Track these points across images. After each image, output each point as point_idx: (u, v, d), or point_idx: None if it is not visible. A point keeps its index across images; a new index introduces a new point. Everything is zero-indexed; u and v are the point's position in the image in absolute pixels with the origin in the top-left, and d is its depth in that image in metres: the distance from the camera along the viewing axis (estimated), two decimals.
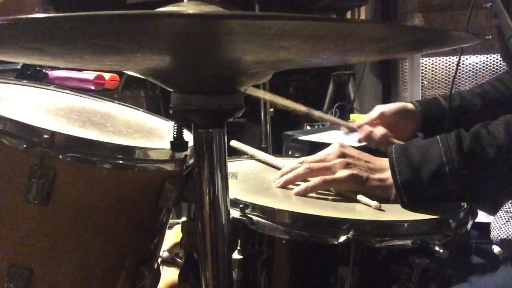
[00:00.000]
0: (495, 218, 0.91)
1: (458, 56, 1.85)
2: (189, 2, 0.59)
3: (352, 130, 1.29)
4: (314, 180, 0.87)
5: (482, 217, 0.98)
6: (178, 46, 0.51)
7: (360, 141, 1.25)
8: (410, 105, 1.22)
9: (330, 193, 0.89)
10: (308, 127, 2.23)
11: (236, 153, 1.17)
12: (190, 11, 0.54)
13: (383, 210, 0.81)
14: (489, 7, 1.31)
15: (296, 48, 0.53)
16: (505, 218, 0.88)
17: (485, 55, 2.34)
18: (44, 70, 1.89)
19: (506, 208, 0.91)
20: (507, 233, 0.86)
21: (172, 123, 0.72)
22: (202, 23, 0.43)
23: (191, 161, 0.89)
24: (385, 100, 2.91)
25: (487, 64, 2.36)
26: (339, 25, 0.46)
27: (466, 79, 2.38)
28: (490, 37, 1.35)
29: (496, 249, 0.88)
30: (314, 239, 0.74)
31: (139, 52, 0.53)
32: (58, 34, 0.46)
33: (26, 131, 0.76)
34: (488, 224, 0.91)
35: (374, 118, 1.21)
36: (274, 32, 0.45)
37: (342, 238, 0.71)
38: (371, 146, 1.22)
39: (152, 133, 1.01)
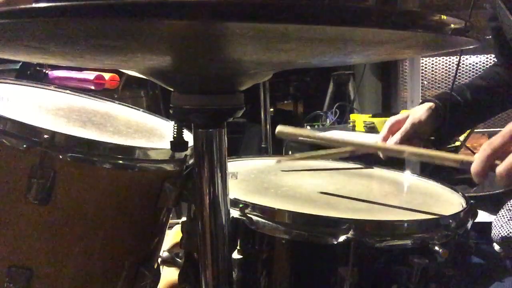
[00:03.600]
0: (497, 217, 0.91)
1: (458, 56, 1.85)
2: None
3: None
4: None
5: (484, 216, 0.99)
6: (178, 46, 0.51)
7: None
8: (432, 104, 1.23)
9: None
10: (308, 127, 2.23)
11: (234, 154, 1.16)
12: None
13: None
14: (487, 9, 1.32)
15: (296, 50, 0.53)
16: (507, 217, 0.88)
17: (485, 55, 2.33)
18: (44, 70, 1.89)
19: (508, 207, 0.91)
20: (508, 231, 0.86)
21: (172, 123, 0.72)
22: (202, 24, 0.43)
23: (191, 161, 0.89)
24: (385, 100, 2.91)
25: (487, 64, 2.36)
26: (340, 28, 0.46)
27: (466, 79, 2.38)
28: (490, 37, 1.37)
29: (496, 247, 0.88)
30: (314, 239, 0.74)
31: (139, 52, 0.53)
32: (58, 34, 0.46)
33: (26, 131, 0.76)
34: (487, 224, 0.91)
35: (408, 130, 1.18)
36: (275, 34, 0.45)
37: (342, 238, 0.71)
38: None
39: (152, 133, 1.01)
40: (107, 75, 1.91)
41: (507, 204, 0.93)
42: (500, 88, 1.32)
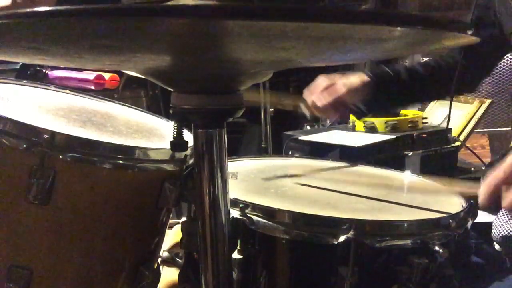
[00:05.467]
0: (497, 217, 0.91)
1: None
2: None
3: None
4: None
5: (484, 216, 0.99)
6: (178, 46, 0.51)
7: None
8: (366, 78, 1.27)
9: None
10: (308, 127, 2.23)
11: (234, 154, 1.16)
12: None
13: None
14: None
15: (296, 49, 0.53)
16: (507, 216, 0.88)
17: None
18: (44, 70, 1.89)
19: None
20: (508, 230, 0.86)
21: (172, 123, 0.72)
22: (201, 22, 0.43)
23: (191, 161, 0.89)
24: None
25: None
26: (339, 26, 0.46)
27: None
28: None
29: (496, 246, 0.88)
30: (314, 239, 0.74)
31: (139, 52, 0.53)
32: (58, 34, 0.46)
33: (26, 131, 0.76)
34: (487, 224, 0.91)
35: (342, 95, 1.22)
36: (274, 33, 0.45)
37: (342, 238, 0.71)
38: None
39: (152, 133, 1.01)
40: (107, 75, 1.91)
41: None
42: (435, 78, 1.34)
